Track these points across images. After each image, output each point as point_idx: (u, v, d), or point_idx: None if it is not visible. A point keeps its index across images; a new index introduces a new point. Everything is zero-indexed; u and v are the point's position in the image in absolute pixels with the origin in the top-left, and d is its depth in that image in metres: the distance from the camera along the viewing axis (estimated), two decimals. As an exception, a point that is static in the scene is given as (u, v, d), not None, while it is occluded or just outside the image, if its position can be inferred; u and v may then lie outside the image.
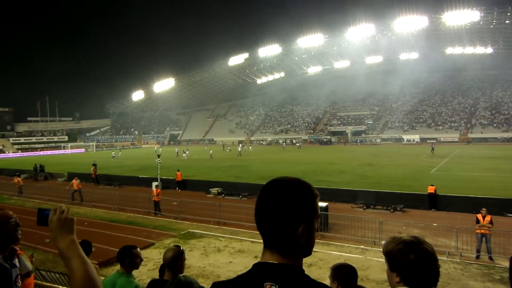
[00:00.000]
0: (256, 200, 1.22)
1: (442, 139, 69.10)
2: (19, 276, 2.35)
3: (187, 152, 52.81)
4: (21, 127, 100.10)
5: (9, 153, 77.35)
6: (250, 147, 67.49)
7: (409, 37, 74.87)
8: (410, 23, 68.07)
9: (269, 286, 1.09)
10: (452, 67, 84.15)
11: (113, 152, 58.98)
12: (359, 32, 73.92)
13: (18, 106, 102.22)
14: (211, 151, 52.57)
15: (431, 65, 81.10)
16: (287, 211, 1.15)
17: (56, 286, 6.45)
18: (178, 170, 26.00)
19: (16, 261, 2.32)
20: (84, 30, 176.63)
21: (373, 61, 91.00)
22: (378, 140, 76.23)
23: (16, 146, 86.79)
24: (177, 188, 25.23)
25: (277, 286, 1.09)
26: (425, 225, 13.77)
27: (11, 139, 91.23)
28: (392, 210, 17.42)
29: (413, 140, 71.39)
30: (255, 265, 1.18)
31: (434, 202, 17.60)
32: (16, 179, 26.19)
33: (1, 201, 22.99)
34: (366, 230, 13.35)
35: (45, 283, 6.64)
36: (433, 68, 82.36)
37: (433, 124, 76.64)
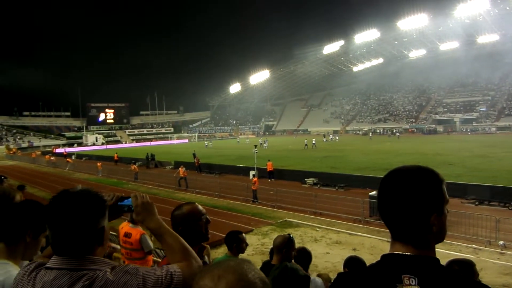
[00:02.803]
0: (379, 191, 1.20)
1: None
2: None
3: (266, 142, 54.86)
4: (135, 120, 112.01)
5: (125, 143, 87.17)
6: (337, 138, 65.50)
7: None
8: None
9: (407, 278, 1.05)
10: None
11: (206, 142, 66.15)
12: (470, 8, 66.14)
13: (132, 101, 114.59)
14: (307, 140, 52.42)
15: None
16: (416, 200, 1.11)
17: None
18: (269, 160, 26.45)
19: (206, 258, 2.29)
20: (186, 30, 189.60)
21: (487, 40, 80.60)
22: (493, 129, 67.86)
23: (131, 137, 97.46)
24: (269, 178, 25.40)
25: (416, 279, 1.04)
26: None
27: (127, 131, 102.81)
28: (511, 208, 15.45)
29: (538, 129, 62.10)
30: (385, 257, 1.15)
31: None
32: (132, 166, 29.46)
33: (121, 185, 26.05)
34: (479, 228, 12.07)
35: (159, 260, 7.36)
36: None
37: None
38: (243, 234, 4.17)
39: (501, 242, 11.30)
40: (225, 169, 30.36)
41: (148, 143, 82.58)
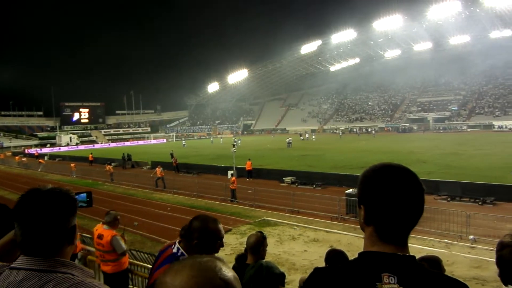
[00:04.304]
0: (368, 188, 1.17)
1: (541, 125, 61.46)
2: None
3: (239, 141, 54.98)
4: (111, 120, 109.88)
5: (101, 143, 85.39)
6: (313, 137, 66.23)
7: (502, 12, 67.19)
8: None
9: (387, 276, 1.05)
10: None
11: (183, 141, 67.97)
12: (443, 10, 68.09)
13: (108, 100, 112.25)
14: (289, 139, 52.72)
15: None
16: (420, 201, 1.14)
17: (145, 264, 7.02)
18: (248, 159, 26.53)
19: None
20: (162, 27, 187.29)
21: (459, 41, 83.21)
22: (464, 127, 70.04)
23: (107, 137, 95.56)
24: (247, 177, 25.58)
25: (395, 277, 1.05)
26: (520, 220, 12.45)
27: (102, 130, 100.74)
28: (480, 203, 16.02)
29: (506, 127, 64.41)
30: (364, 254, 1.14)
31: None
32: (107, 167, 28.89)
33: (96, 186, 25.52)
34: (451, 223, 12.47)
35: (136, 261, 7.26)
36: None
37: (530, 108, 68.38)
38: None
39: (471, 237, 11.70)
40: (203, 169, 30.20)
41: (124, 143, 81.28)
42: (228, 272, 0.84)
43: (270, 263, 3.58)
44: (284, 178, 23.39)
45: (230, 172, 24.81)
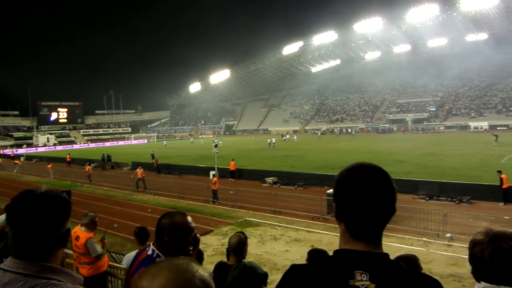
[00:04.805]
0: (341, 188, 1.18)
1: (515, 126, 63.57)
2: None
3: (220, 142, 54.44)
4: (90, 120, 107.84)
5: (80, 143, 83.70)
6: (295, 137, 66.73)
7: (477, 16, 69.22)
8: (478, 1, 62.86)
9: (359, 274, 1.07)
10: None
11: (165, 142, 68.13)
12: (421, 13, 69.77)
13: (87, 100, 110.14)
14: (270, 139, 52.90)
15: (502, 46, 74.30)
16: (392, 199, 1.15)
17: (125, 267, 6.90)
18: (232, 160, 26.53)
19: None
20: (144, 27, 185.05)
21: (436, 44, 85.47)
22: (442, 128, 71.81)
23: (86, 138, 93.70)
24: (231, 177, 25.67)
25: (368, 275, 1.07)
26: (495, 218, 12.81)
27: (81, 131, 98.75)
28: (457, 202, 16.43)
29: (481, 128, 66.34)
30: (338, 252, 1.16)
31: (507, 194, 16.25)
32: (87, 167, 28.33)
33: (74, 188, 24.98)
34: (429, 222, 12.74)
35: (115, 264, 7.14)
36: (505, 49, 75.18)
37: (504, 109, 70.45)
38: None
39: (448, 235, 11.98)
40: (184, 170, 29.97)
41: (104, 144, 79.93)
42: (205, 273, 0.85)
43: (253, 263, 3.61)
44: (266, 179, 23.45)
45: (212, 173, 24.71)
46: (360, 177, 1.16)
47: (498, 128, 60.41)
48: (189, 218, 2.06)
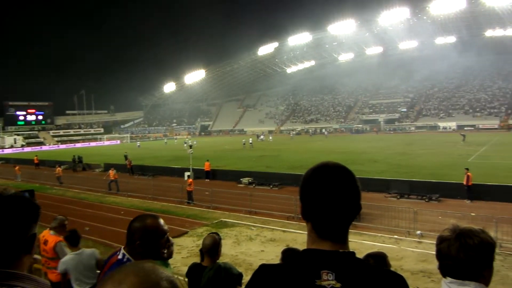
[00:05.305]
0: (307, 188, 1.18)
1: (480, 126, 66.12)
2: None
3: (195, 142, 53.91)
4: (60, 120, 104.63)
5: (49, 145, 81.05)
6: (270, 138, 67.13)
7: (446, 20, 71.75)
8: (447, 5, 65.15)
9: (325, 273, 1.08)
10: (492, 51, 79.73)
11: (138, 142, 67.88)
12: (393, 17, 71.63)
13: (57, 100, 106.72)
14: (245, 140, 52.89)
15: (469, 49, 77.32)
16: (355, 198, 1.16)
17: (97, 271, 6.73)
18: (207, 160, 26.38)
19: None
20: (116, 26, 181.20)
21: (407, 46, 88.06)
22: (412, 128, 73.89)
23: (56, 139, 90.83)
24: (206, 178, 25.54)
25: (333, 274, 1.08)
26: (462, 215, 13.29)
27: (51, 131, 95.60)
28: (427, 200, 16.94)
29: (450, 128, 68.71)
30: (305, 252, 1.17)
31: (470, 192, 16.93)
32: (57, 169, 27.46)
33: (44, 191, 24.18)
34: (400, 220, 13.08)
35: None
36: (472, 52, 78.35)
37: (471, 110, 73.24)
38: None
39: (418, 232, 12.33)
40: (159, 171, 29.52)
41: (75, 145, 77.77)
42: (171, 275, 0.84)
43: (228, 264, 3.62)
44: (241, 179, 23.43)
45: (186, 174, 24.48)
46: (324, 177, 1.16)
47: (465, 128, 62.70)
48: (161, 221, 2.03)
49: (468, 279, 1.44)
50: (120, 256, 1.99)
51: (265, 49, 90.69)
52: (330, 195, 1.14)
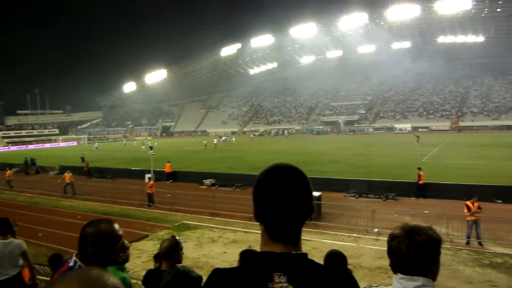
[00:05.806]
0: (260, 190, 1.18)
1: (433, 128, 69.68)
2: None
3: (155, 144, 53.32)
4: (11, 121, 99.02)
5: (-1, 147, 76.47)
6: (233, 139, 67.25)
7: (402, 26, 74.98)
8: (402, 12, 68.14)
9: (278, 276, 1.08)
10: (443, 56, 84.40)
11: (96, 143, 66.20)
12: (352, 21, 73.95)
13: (7, 99, 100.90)
14: (206, 141, 52.49)
15: (423, 54, 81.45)
16: (307, 200, 1.17)
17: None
18: (168, 162, 25.95)
19: None
20: (73, 23, 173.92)
21: (365, 50, 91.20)
22: (371, 130, 76.53)
23: (6, 140, 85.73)
24: (167, 180, 25.17)
25: (286, 276, 1.08)
26: (416, 212, 13.92)
27: (1, 132, 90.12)
28: (384, 199, 17.59)
29: (405, 129, 71.84)
30: (258, 255, 1.16)
31: (421, 190, 17.80)
32: (7, 172, 25.91)
33: (-7, 195, 22.77)
34: (359, 218, 13.47)
35: (40, 277, 6.61)
36: (425, 57, 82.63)
37: (424, 113, 77.08)
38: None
39: (376, 230, 12.76)
40: (118, 173, 28.63)
41: (27, 146, 73.91)
42: (115, 280, 0.83)
43: (187, 267, 3.54)
44: (204, 181, 23.22)
45: (147, 176, 23.91)
46: (276, 178, 1.17)
47: (419, 130, 65.73)
48: (116, 226, 1.97)
49: (417, 274, 1.49)
50: (71, 264, 1.91)
51: (228, 50, 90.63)
52: (281, 196, 1.14)
